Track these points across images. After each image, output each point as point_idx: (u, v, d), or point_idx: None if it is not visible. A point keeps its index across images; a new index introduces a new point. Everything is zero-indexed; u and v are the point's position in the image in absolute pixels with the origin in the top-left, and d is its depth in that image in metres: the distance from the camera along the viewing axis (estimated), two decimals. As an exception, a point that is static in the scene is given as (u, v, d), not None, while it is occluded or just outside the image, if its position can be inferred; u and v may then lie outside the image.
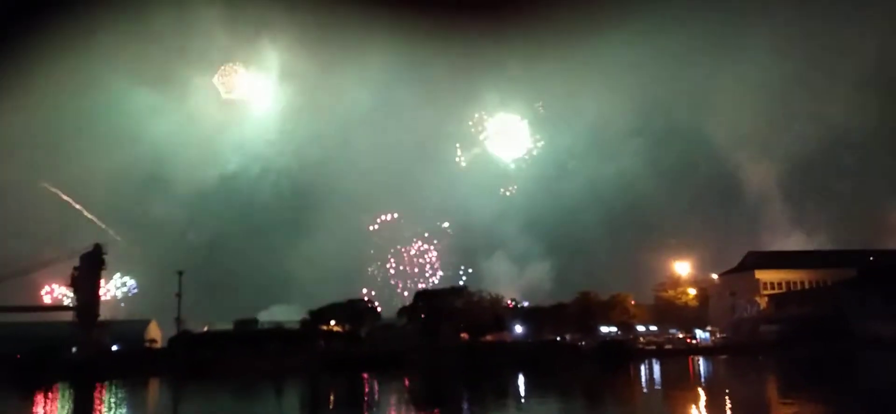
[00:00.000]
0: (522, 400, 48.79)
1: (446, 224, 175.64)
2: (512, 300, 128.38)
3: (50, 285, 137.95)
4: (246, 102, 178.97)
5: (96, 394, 63.36)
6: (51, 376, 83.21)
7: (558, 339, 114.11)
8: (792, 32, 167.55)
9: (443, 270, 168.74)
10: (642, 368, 76.42)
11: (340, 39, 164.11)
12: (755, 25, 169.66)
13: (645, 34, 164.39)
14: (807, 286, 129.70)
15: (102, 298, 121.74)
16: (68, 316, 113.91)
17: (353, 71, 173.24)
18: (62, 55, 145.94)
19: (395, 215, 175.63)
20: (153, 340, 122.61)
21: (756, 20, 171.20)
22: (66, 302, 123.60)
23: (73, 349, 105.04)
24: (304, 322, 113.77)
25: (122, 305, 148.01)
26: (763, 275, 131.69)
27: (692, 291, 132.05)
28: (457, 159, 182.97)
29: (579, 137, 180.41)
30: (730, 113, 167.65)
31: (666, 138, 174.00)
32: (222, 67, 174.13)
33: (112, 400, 59.05)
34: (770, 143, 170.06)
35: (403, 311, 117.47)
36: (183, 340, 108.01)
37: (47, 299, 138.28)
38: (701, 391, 51.67)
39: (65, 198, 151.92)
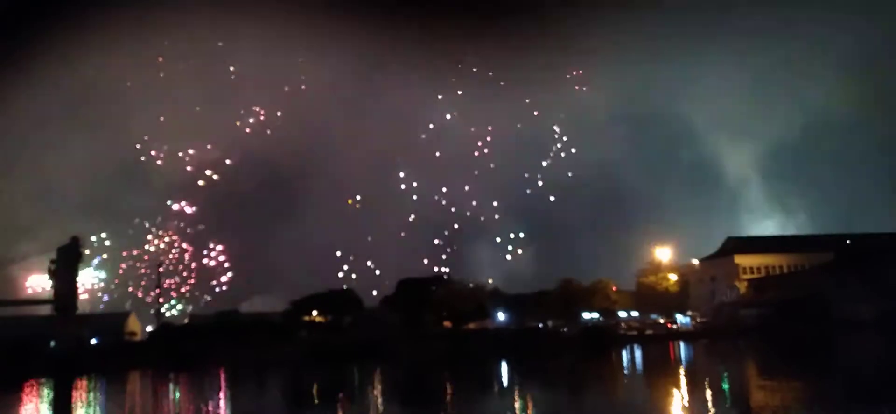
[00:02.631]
0: (506, 387, 48.85)
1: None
2: (494, 287, 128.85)
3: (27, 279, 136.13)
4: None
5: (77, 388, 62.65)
6: (29, 371, 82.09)
7: (541, 326, 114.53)
8: (771, 18, 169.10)
9: (425, 258, 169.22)
10: (624, 353, 76.84)
11: (321, 26, 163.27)
12: (735, 11, 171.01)
13: (626, 20, 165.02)
14: (785, 270, 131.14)
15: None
16: (45, 310, 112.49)
17: (334, 58, 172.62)
18: (39, 45, 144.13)
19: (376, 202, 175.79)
20: (133, 333, 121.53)
21: (736, 5, 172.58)
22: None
23: (52, 343, 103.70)
24: (286, 313, 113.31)
25: (104, 297, 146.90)
26: (742, 260, 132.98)
27: (673, 277, 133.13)
28: (438, 147, 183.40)
29: (560, 123, 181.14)
30: (710, 98, 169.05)
31: (646, 124, 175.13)
32: None
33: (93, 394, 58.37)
34: (749, 129, 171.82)
35: (386, 300, 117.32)
36: (163, 333, 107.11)
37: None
38: (682, 374, 52.11)
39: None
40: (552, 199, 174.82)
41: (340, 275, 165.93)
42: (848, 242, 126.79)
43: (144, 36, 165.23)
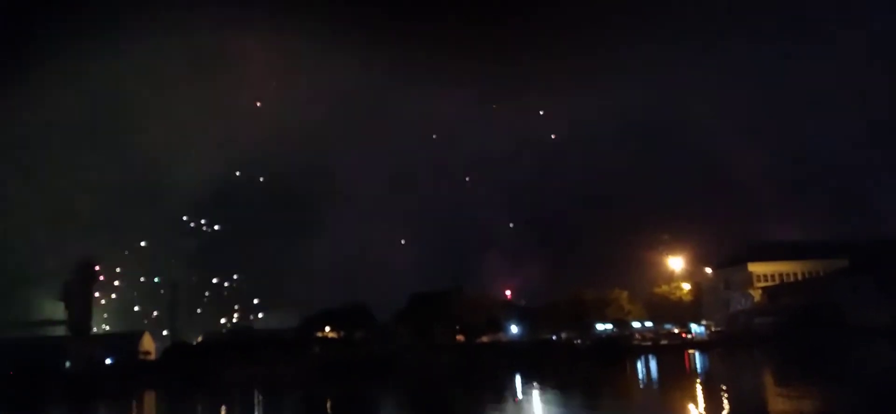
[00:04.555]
0: (524, 401, 48.58)
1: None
2: (506, 300, 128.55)
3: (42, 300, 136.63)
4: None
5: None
6: (44, 392, 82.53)
7: (554, 337, 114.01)
8: (784, 23, 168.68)
9: (436, 271, 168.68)
10: (639, 364, 76.37)
11: (333, 40, 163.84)
12: (748, 16, 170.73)
13: (637, 26, 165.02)
14: (800, 277, 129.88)
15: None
16: (61, 330, 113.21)
17: (346, 72, 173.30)
18: (51, 62, 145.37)
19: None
20: (147, 352, 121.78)
21: (749, 11, 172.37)
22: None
23: (67, 364, 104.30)
24: (298, 329, 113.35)
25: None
26: (756, 267, 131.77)
27: (686, 286, 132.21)
28: (448, 156, 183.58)
29: (571, 132, 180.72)
30: (722, 105, 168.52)
31: (658, 132, 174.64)
32: None
33: None
34: (762, 134, 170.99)
35: (398, 314, 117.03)
36: (177, 351, 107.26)
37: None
38: (698, 384, 51.69)
39: None
40: (563, 209, 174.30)
41: (352, 289, 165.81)
42: (863, 248, 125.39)
43: (155, 53, 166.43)
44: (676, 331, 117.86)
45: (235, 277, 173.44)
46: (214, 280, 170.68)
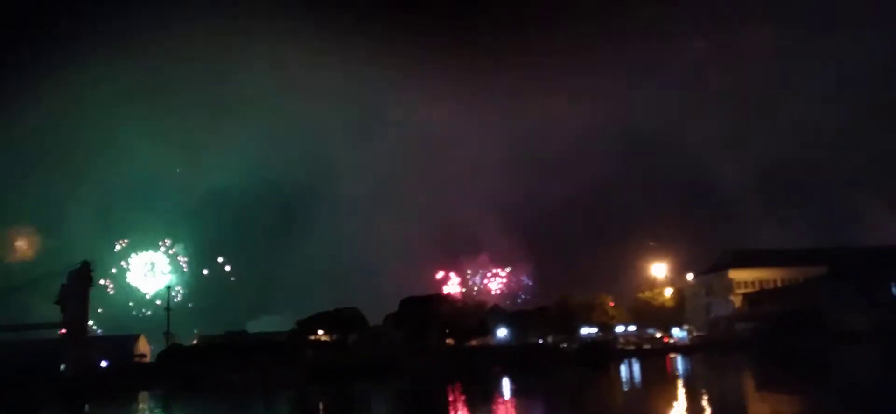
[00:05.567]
0: (511, 401, 50.62)
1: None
2: (495, 304, 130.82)
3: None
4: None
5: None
6: (40, 394, 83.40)
7: (541, 341, 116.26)
8: (763, 33, 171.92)
9: (427, 275, 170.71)
10: (622, 367, 78.55)
11: (327, 48, 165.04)
12: (726, 26, 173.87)
13: (619, 38, 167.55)
14: (780, 284, 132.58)
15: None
16: (56, 333, 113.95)
17: (339, 78, 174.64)
18: (48, 67, 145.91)
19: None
20: (142, 355, 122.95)
21: (727, 21, 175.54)
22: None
23: (62, 366, 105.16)
24: (292, 332, 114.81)
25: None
26: (737, 274, 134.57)
27: (669, 292, 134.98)
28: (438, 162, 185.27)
29: (557, 140, 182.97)
30: (703, 114, 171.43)
31: (642, 141, 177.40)
32: None
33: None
34: (743, 144, 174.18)
35: (390, 318, 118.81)
36: (172, 354, 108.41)
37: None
38: (679, 387, 53.93)
39: None
40: (549, 215, 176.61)
41: (345, 293, 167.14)
42: (842, 254, 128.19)
43: (151, 57, 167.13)
44: (659, 335, 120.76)
45: (231, 279, 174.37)
46: (209, 285, 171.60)
